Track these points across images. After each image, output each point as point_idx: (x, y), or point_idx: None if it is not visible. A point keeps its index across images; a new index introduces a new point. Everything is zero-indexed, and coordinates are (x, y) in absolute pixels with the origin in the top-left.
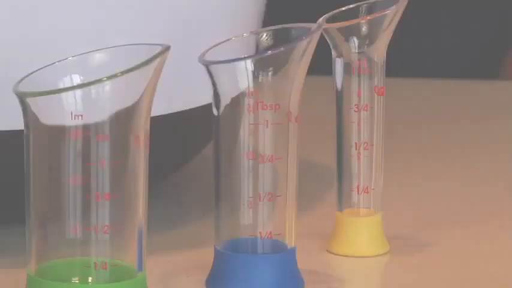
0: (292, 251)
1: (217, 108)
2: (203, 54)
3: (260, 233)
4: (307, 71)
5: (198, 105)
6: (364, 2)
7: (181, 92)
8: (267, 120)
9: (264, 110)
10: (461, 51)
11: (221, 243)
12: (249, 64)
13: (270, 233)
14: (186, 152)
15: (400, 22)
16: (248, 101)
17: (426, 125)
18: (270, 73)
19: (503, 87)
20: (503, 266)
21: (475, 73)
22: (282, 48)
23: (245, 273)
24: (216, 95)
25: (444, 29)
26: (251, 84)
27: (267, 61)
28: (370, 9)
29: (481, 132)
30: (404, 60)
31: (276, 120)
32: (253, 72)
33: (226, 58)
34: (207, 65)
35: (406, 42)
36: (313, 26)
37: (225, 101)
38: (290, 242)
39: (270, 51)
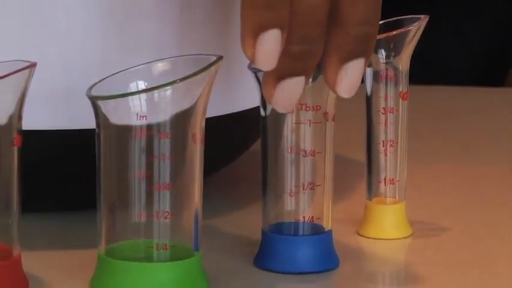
0: (329, 233)
1: (264, 109)
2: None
3: (303, 217)
4: None
5: (245, 108)
6: (391, 19)
7: (231, 96)
8: (309, 120)
9: (306, 111)
10: (468, 61)
11: (268, 227)
12: None
13: (312, 217)
14: (235, 148)
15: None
16: None
17: (444, 126)
18: (310, 79)
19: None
20: None
21: (482, 82)
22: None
23: (289, 252)
24: (264, 98)
25: (453, 40)
26: None
27: None
28: (396, 25)
29: (494, 132)
30: (422, 69)
31: (315, 119)
32: None
33: None
34: (256, 72)
35: (425, 52)
36: None
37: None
38: (327, 225)
39: None
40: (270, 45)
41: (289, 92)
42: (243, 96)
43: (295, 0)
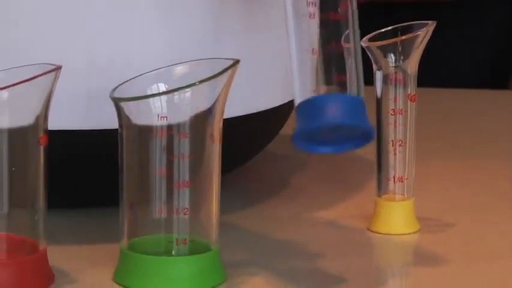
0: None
1: None
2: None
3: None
4: None
5: (262, 109)
6: (400, 24)
7: (248, 98)
8: None
9: None
10: (473, 65)
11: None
12: None
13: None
14: (252, 147)
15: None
16: None
17: (451, 126)
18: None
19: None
20: None
21: (485, 84)
22: None
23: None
24: None
25: (458, 45)
26: None
27: None
28: (405, 31)
29: (497, 132)
30: (429, 73)
31: None
32: None
33: None
34: None
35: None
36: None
37: None
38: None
39: None
40: None
41: None
42: (260, 98)
43: None
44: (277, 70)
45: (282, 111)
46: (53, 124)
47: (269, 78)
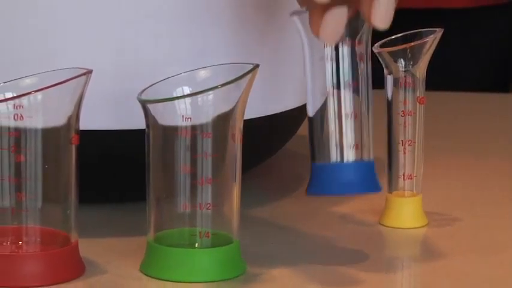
0: (372, 163)
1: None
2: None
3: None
4: None
5: (280, 111)
6: (409, 32)
7: (267, 100)
8: (347, 53)
9: (343, 46)
10: (476, 70)
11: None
12: None
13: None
14: (271, 146)
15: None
16: None
17: (457, 127)
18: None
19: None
20: None
21: (488, 88)
22: None
23: (335, 178)
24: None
25: (462, 51)
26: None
27: None
28: (414, 38)
29: (500, 133)
30: (437, 77)
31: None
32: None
33: None
34: (298, 14)
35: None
36: (376, 51)
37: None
38: (368, 156)
39: None
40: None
41: (335, 23)
42: (279, 100)
43: None
44: (295, 74)
45: (298, 113)
46: (84, 124)
47: (286, 82)
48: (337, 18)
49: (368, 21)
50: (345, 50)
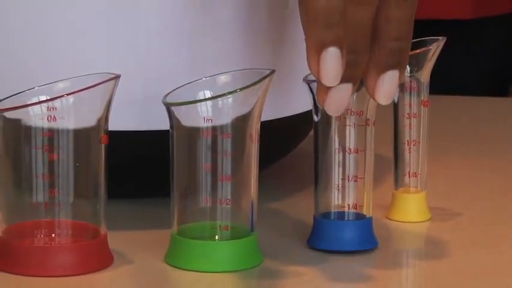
0: (370, 219)
1: (317, 114)
2: (306, 76)
3: (347, 205)
4: None
5: (294, 113)
6: (414, 40)
7: (282, 103)
8: (354, 123)
9: (350, 115)
10: (477, 77)
11: (318, 213)
12: None
13: (355, 205)
14: (286, 146)
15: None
16: None
17: (458, 128)
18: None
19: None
20: None
21: (485, 92)
22: None
23: (336, 234)
24: (315, 105)
25: (463, 59)
26: None
27: None
28: (419, 45)
29: (498, 134)
30: (440, 82)
31: (359, 122)
32: None
33: None
34: (309, 83)
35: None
36: None
37: (321, 109)
38: (368, 212)
39: None
40: (331, 62)
41: (339, 97)
42: (293, 103)
43: (347, 18)
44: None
45: (311, 116)
46: (113, 125)
47: (300, 86)
48: (342, 94)
49: (372, 97)
50: (352, 119)
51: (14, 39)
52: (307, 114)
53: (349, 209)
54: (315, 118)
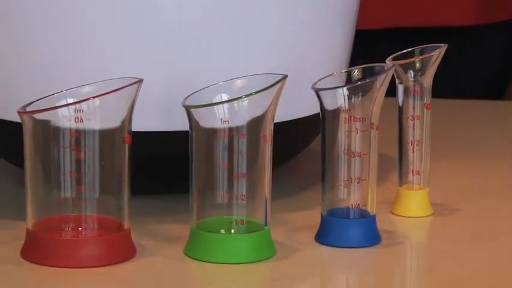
0: (373, 217)
1: (323, 119)
2: (314, 83)
3: (352, 204)
4: None
5: (304, 115)
6: (418, 47)
7: (293, 106)
8: (357, 128)
9: (354, 122)
10: (474, 82)
11: (325, 212)
12: (345, 90)
13: (359, 204)
14: (297, 146)
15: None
16: (344, 115)
17: (459, 129)
18: (359, 97)
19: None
20: None
21: (483, 96)
22: (367, 80)
23: (342, 232)
24: (322, 111)
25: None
26: (346, 104)
27: (358, 89)
28: (422, 52)
29: (495, 134)
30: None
31: (363, 128)
32: (348, 96)
33: (330, 86)
34: (317, 91)
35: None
36: (389, 65)
37: (328, 114)
38: (372, 210)
39: (359, 82)
40: None
41: None
42: (303, 106)
43: None
44: None
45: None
46: (136, 126)
47: (310, 91)
48: None
49: None
50: (356, 125)
51: (45, 45)
52: (316, 117)
53: (353, 207)
54: (322, 123)
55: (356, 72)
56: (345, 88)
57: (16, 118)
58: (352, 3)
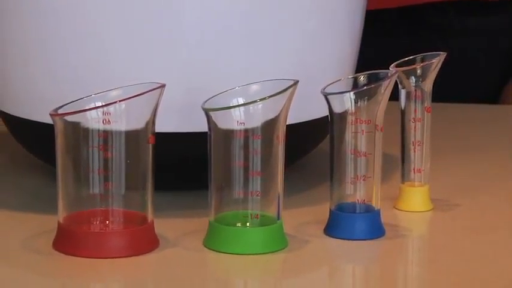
0: (378, 211)
1: (331, 121)
2: (323, 88)
3: (358, 200)
4: None
5: (314, 118)
6: (419, 55)
7: (304, 109)
8: (363, 130)
9: (360, 124)
10: (477, 84)
11: (333, 206)
12: (352, 95)
13: (364, 200)
14: (308, 146)
15: None
16: (351, 118)
17: (457, 130)
18: (365, 100)
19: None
20: None
21: (478, 99)
22: (373, 85)
23: (349, 225)
24: (331, 113)
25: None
26: (353, 107)
27: (363, 93)
28: (423, 59)
29: (491, 135)
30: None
31: (368, 129)
32: (355, 100)
33: (338, 91)
34: (326, 95)
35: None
36: (392, 71)
37: (336, 117)
38: (376, 205)
39: (365, 87)
40: None
41: None
42: (313, 109)
43: None
44: None
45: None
46: (159, 127)
47: (320, 95)
48: None
49: None
50: (362, 127)
51: (74, 52)
52: (325, 119)
53: (359, 202)
54: (330, 124)
55: (362, 78)
56: (351, 93)
57: (45, 119)
58: (359, 14)
